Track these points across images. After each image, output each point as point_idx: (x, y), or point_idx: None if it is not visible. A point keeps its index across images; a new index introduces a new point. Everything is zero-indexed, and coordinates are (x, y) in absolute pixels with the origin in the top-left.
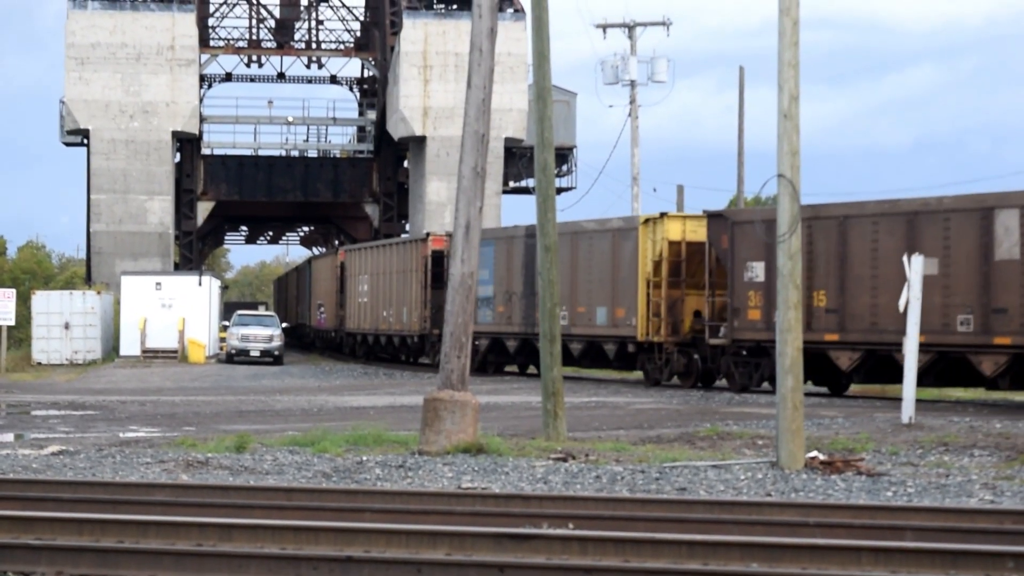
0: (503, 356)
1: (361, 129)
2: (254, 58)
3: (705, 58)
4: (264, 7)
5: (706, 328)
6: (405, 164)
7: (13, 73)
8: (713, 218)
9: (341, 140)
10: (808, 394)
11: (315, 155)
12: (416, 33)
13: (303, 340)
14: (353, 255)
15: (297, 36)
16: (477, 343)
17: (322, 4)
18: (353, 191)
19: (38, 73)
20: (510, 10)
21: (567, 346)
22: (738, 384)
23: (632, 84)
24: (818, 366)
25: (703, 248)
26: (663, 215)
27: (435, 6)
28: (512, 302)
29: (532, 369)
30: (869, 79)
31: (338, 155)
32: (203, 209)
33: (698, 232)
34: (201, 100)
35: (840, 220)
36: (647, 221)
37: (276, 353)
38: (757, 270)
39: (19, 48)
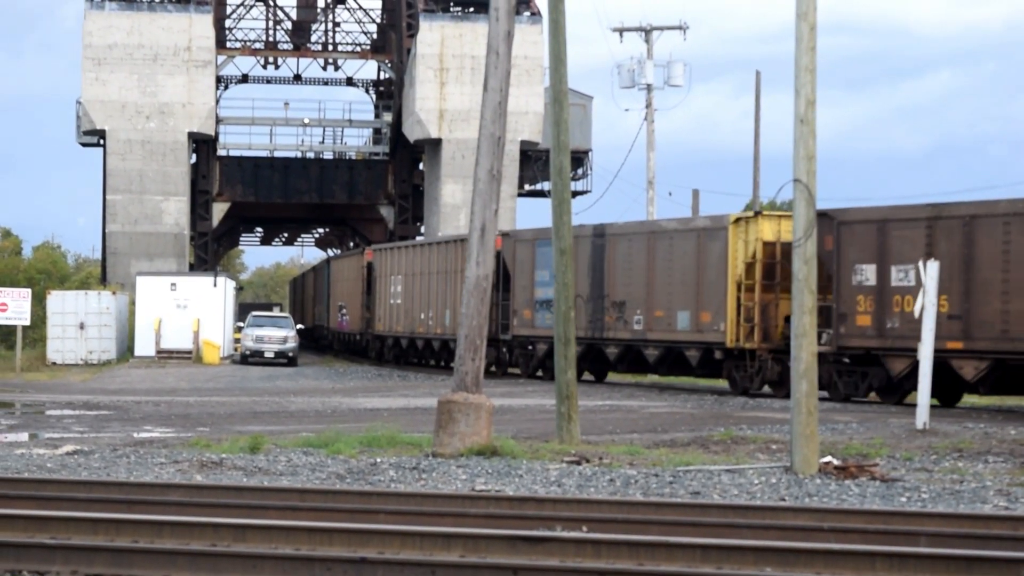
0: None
1: (377, 131)
2: (270, 60)
3: (722, 63)
4: (281, 9)
5: None
6: (421, 166)
7: (32, 75)
8: (816, 218)
9: (357, 142)
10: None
11: (331, 157)
12: (433, 35)
13: (319, 342)
14: (384, 255)
15: (314, 38)
16: (533, 347)
17: (339, 6)
18: (368, 193)
19: (57, 74)
20: (527, 13)
21: (641, 352)
22: (841, 394)
23: (648, 88)
24: (935, 376)
25: None
26: (757, 214)
27: (452, 9)
28: (577, 305)
29: (589, 375)
30: (887, 84)
31: (354, 157)
32: (218, 210)
33: None
34: (217, 101)
35: (966, 220)
36: (738, 220)
37: (290, 354)
38: (867, 273)
39: (39, 50)
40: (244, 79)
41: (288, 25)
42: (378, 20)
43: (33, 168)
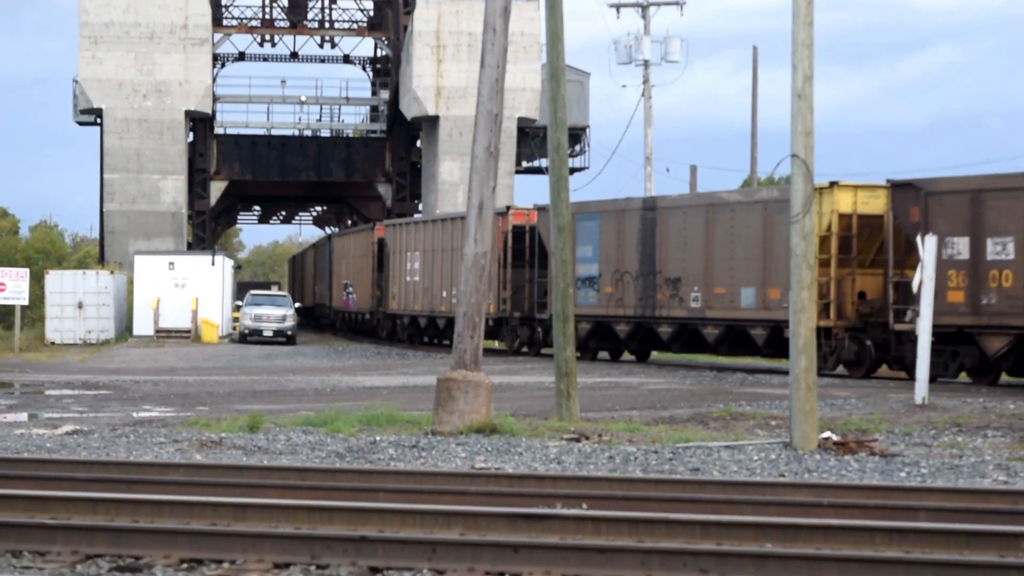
0: (608, 341)
1: (374, 109)
2: (267, 37)
3: (721, 38)
4: None
5: (890, 312)
6: (418, 144)
7: (30, 55)
8: (899, 188)
9: (354, 120)
10: (822, 374)
11: (328, 135)
12: (429, 12)
13: (320, 321)
14: (398, 231)
15: (310, 15)
16: (578, 327)
17: None
18: (366, 171)
19: (55, 54)
20: None
21: (698, 331)
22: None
23: (645, 64)
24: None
25: (877, 221)
26: (833, 184)
27: None
28: (624, 282)
29: (646, 355)
30: (887, 59)
31: (351, 135)
32: (216, 189)
33: (870, 204)
34: (214, 80)
35: None
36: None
37: (289, 333)
38: (959, 246)
39: (36, 30)
40: (241, 57)
41: (284, 3)
42: None
43: (31, 148)
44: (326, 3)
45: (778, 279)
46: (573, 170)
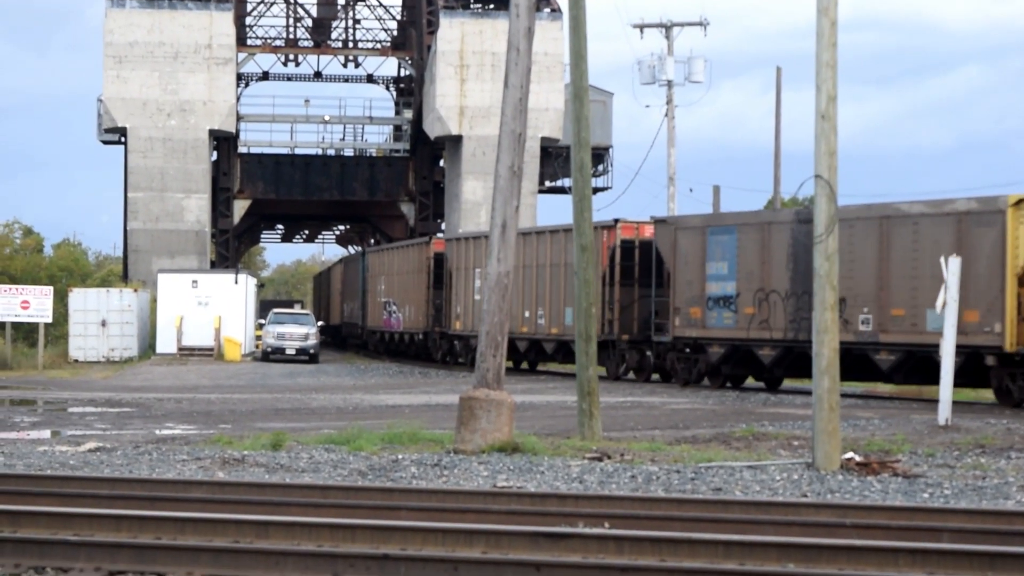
0: (745, 366)
1: (397, 128)
2: (291, 57)
3: (748, 60)
4: (301, 6)
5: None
6: (441, 163)
7: (56, 74)
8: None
9: (377, 139)
10: (844, 395)
11: (351, 154)
12: (453, 32)
13: (347, 341)
14: (461, 245)
15: (334, 35)
16: (703, 351)
17: (359, 3)
18: (389, 190)
19: (81, 73)
20: (547, 9)
21: (867, 357)
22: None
23: (669, 84)
24: None
25: None
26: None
27: (472, 5)
28: (770, 302)
29: (789, 383)
30: (913, 80)
31: (374, 154)
32: (239, 207)
33: None
34: (238, 99)
35: None
36: (1020, 203)
37: (312, 351)
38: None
39: (64, 49)
40: (264, 76)
41: (308, 22)
42: (398, 17)
43: (56, 167)
44: (350, 23)
45: (976, 300)
46: (596, 190)
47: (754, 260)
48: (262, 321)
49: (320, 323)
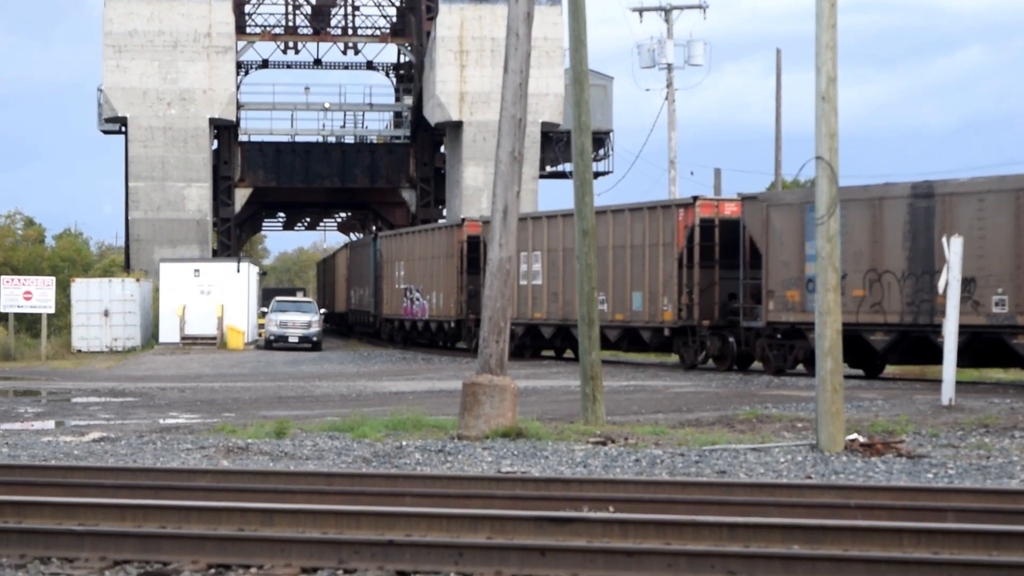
0: (850, 353)
1: (398, 115)
2: (291, 45)
3: (750, 42)
4: None
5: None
6: (442, 149)
7: (58, 64)
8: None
9: (378, 126)
10: (847, 376)
11: (352, 141)
12: (452, 18)
13: (355, 329)
14: None
15: (333, 22)
16: (801, 337)
17: None
18: (390, 177)
19: (82, 63)
20: None
21: (1002, 341)
22: None
23: (669, 68)
24: None
25: None
26: None
27: None
28: (883, 284)
29: (913, 368)
30: (917, 61)
31: (375, 141)
32: (240, 196)
33: None
34: (238, 87)
35: None
36: None
37: (314, 339)
38: None
39: (66, 39)
40: (264, 64)
41: (307, 10)
42: (397, 3)
43: (58, 157)
44: (349, 10)
45: None
46: (597, 174)
47: (863, 238)
48: (265, 309)
49: (323, 311)
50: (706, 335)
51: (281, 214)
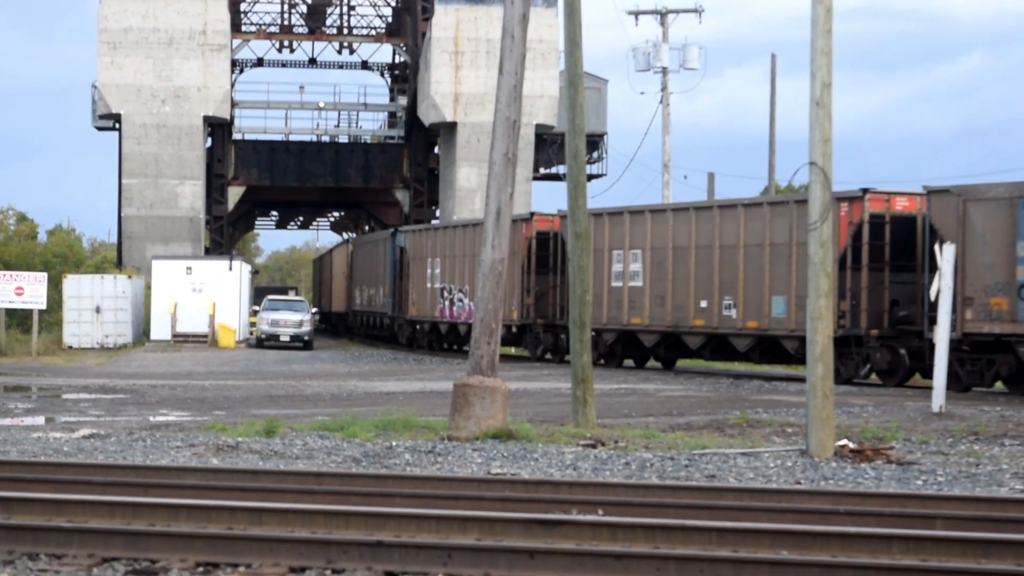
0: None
1: (392, 115)
2: (286, 43)
3: (747, 47)
4: None
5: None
6: (436, 150)
7: (55, 60)
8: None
9: (372, 126)
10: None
11: (346, 140)
12: (448, 19)
13: (352, 331)
14: (591, 222)
15: (329, 22)
16: (1019, 350)
17: None
18: (384, 177)
19: (78, 59)
20: None
21: None
22: None
23: (664, 71)
24: None
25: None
26: None
27: None
28: None
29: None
30: (919, 67)
31: (369, 141)
32: (234, 194)
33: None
34: (233, 85)
35: None
36: None
37: (306, 338)
38: None
39: (64, 36)
40: (259, 63)
41: (303, 8)
42: (393, 3)
43: (51, 153)
44: (344, 9)
45: None
46: (591, 177)
47: (1004, 234)
48: (256, 308)
49: (314, 310)
50: (874, 346)
51: (274, 213)
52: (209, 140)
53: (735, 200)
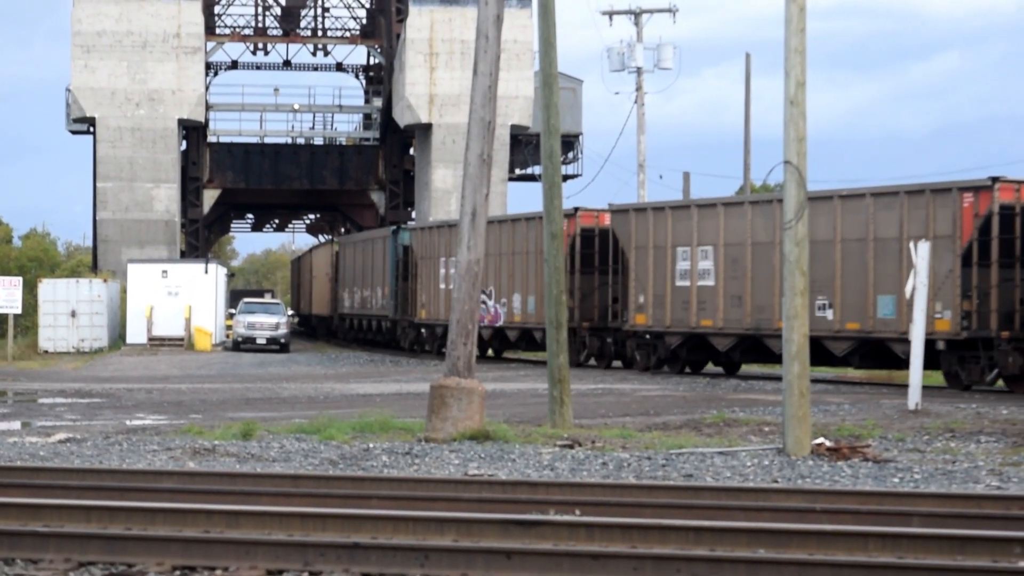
0: None
1: (367, 116)
2: (260, 46)
3: (724, 47)
4: None
5: None
6: (411, 151)
7: (32, 63)
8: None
9: (347, 128)
10: (814, 380)
11: (321, 143)
12: (422, 20)
13: (336, 334)
14: (647, 217)
15: (303, 24)
16: None
17: None
18: (359, 178)
19: (55, 63)
20: None
21: None
22: None
23: (638, 71)
24: None
25: None
26: None
27: None
28: None
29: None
30: (897, 66)
31: (344, 142)
32: (209, 197)
33: None
34: (207, 88)
35: None
36: None
37: (282, 341)
38: None
39: (43, 38)
40: (234, 65)
41: (277, 11)
42: (367, 5)
43: (27, 157)
44: (318, 11)
45: None
46: (566, 177)
47: None
48: (233, 311)
49: (290, 312)
50: (1005, 349)
51: (249, 215)
52: (184, 143)
53: (830, 191)
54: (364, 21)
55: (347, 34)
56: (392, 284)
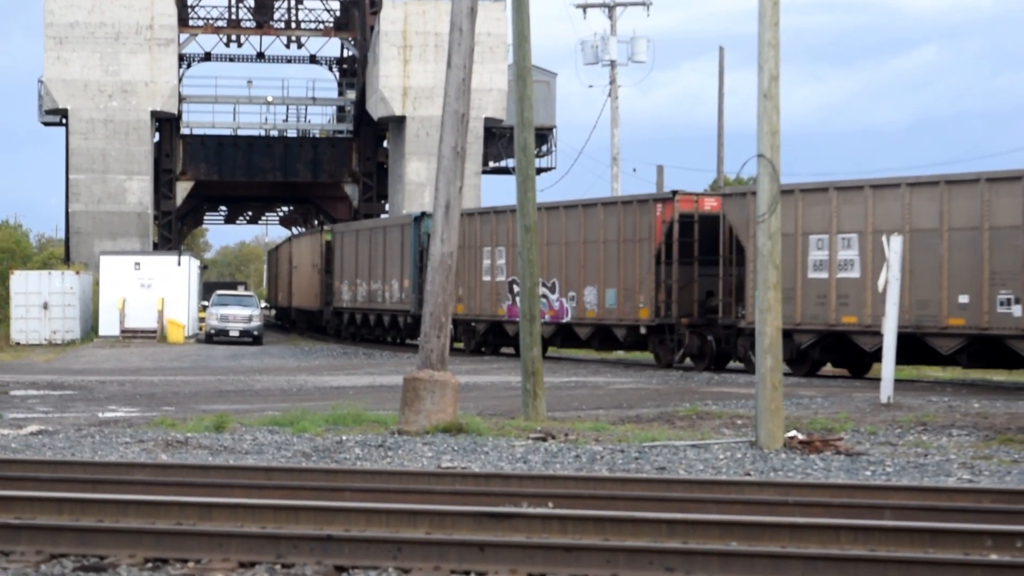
0: None
1: (341, 109)
2: (233, 38)
3: (699, 40)
4: None
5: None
6: (385, 144)
7: (4, 54)
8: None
9: (321, 120)
10: (786, 373)
11: (295, 135)
12: (396, 13)
13: (325, 330)
14: (748, 203)
15: (276, 16)
16: None
17: None
18: (333, 171)
19: (26, 53)
20: None
21: None
22: None
23: (612, 64)
24: None
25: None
26: None
27: None
28: None
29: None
30: (874, 60)
31: (318, 135)
32: (182, 189)
33: None
34: (180, 80)
35: None
36: None
37: (255, 333)
38: None
39: (20, 30)
40: (207, 57)
41: (251, 3)
42: None
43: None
44: (292, 3)
45: None
46: (540, 170)
47: None
48: (205, 303)
49: (264, 304)
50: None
51: (223, 208)
52: (157, 135)
53: (1018, 171)
54: (338, 13)
55: (321, 26)
56: (414, 276)
